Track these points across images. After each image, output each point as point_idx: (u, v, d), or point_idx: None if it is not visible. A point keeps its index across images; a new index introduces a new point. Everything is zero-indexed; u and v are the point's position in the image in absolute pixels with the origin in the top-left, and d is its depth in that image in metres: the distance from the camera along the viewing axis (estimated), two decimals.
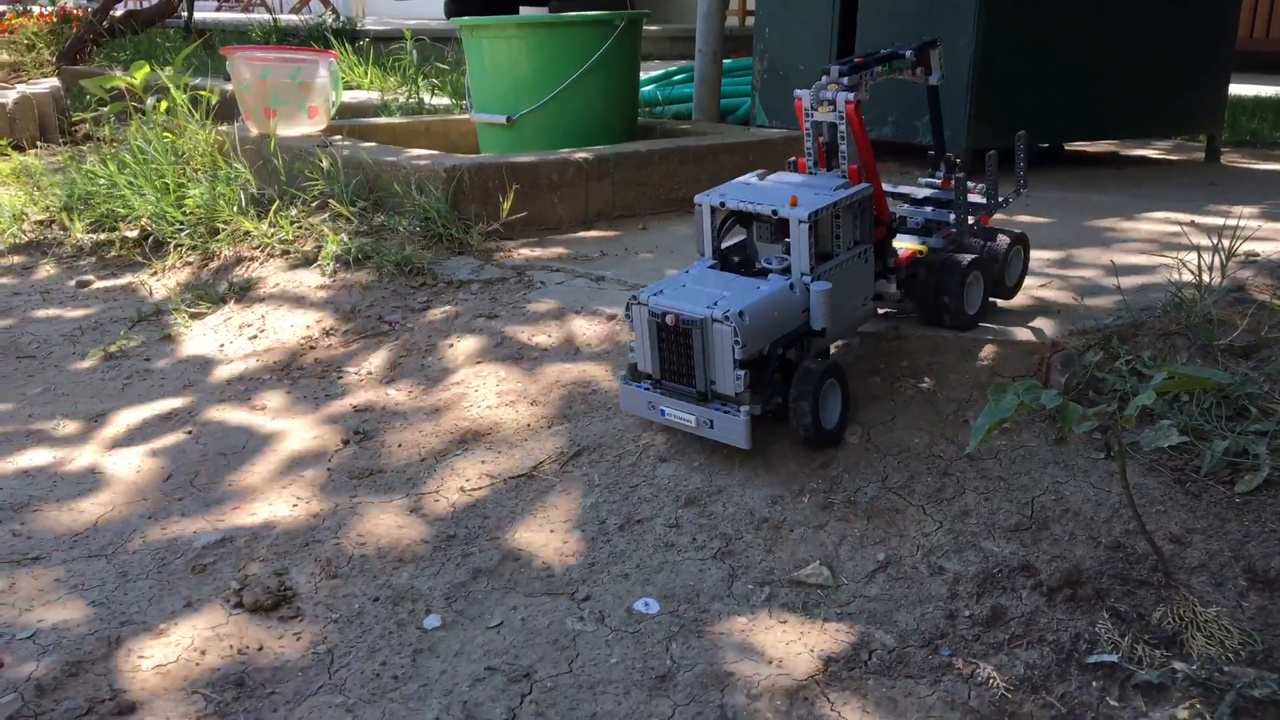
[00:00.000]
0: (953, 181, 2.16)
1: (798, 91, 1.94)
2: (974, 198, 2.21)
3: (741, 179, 1.95)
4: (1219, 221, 2.79)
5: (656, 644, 1.44)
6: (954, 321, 2.04)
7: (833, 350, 1.98)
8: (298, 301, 2.59)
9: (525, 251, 2.74)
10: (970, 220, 2.18)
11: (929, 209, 2.21)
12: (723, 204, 1.84)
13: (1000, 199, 2.23)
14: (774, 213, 1.78)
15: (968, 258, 2.05)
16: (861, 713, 1.31)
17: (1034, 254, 2.64)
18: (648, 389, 1.80)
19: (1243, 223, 2.24)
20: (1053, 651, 1.38)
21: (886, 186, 2.22)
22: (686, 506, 1.73)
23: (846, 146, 1.92)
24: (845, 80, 1.91)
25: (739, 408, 1.71)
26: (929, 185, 2.26)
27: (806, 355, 1.82)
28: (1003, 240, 2.17)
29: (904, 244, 2.11)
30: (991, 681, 1.35)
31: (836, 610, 1.50)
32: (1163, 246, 2.69)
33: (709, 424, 1.73)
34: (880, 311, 2.15)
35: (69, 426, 2.16)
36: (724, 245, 1.92)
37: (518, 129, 3.47)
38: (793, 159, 2.02)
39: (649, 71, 5.10)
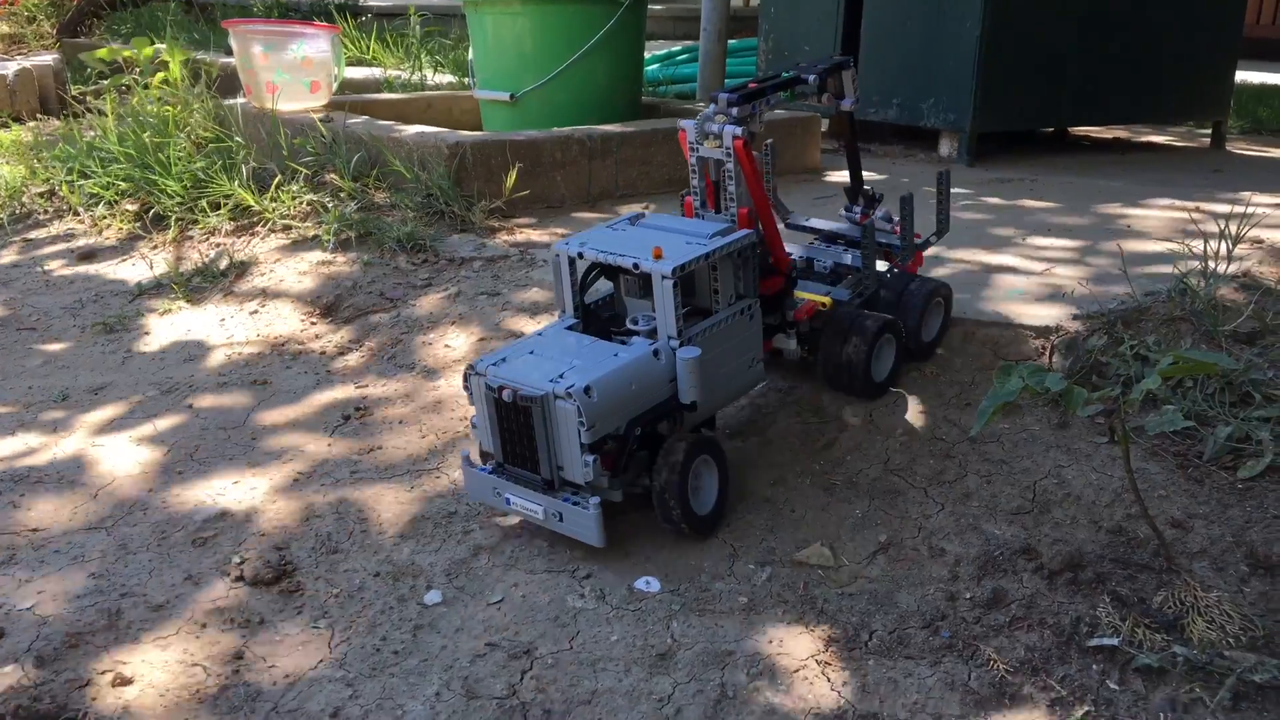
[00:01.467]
0: (868, 220, 1.96)
1: (681, 123, 1.71)
2: (890, 238, 2.00)
3: (609, 223, 1.71)
4: (1224, 208, 2.78)
5: (657, 622, 1.44)
6: (859, 388, 1.85)
7: (750, 403, 1.81)
8: (299, 277, 2.58)
9: (528, 230, 2.73)
10: (887, 262, 2.00)
11: (843, 251, 2.01)
12: (581, 254, 1.61)
13: (920, 239, 2.04)
14: (635, 266, 1.55)
15: (878, 317, 1.84)
16: (862, 693, 1.31)
17: (1036, 241, 2.63)
18: (491, 473, 1.57)
19: (1248, 209, 2.23)
20: (1053, 634, 1.38)
21: (796, 220, 2.08)
22: None
23: (734, 186, 1.69)
24: (734, 111, 1.67)
25: (589, 498, 1.49)
26: (849, 221, 2.04)
27: (677, 430, 1.61)
28: (921, 290, 1.94)
29: (807, 294, 1.88)
30: (992, 663, 1.35)
31: (837, 591, 1.50)
32: (1168, 233, 2.69)
33: (558, 516, 1.51)
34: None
35: (68, 399, 2.15)
36: (603, 298, 1.72)
37: (521, 106, 3.45)
38: (685, 191, 1.79)
39: (652, 51, 5.07)
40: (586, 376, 1.46)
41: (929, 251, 2.38)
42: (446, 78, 4.84)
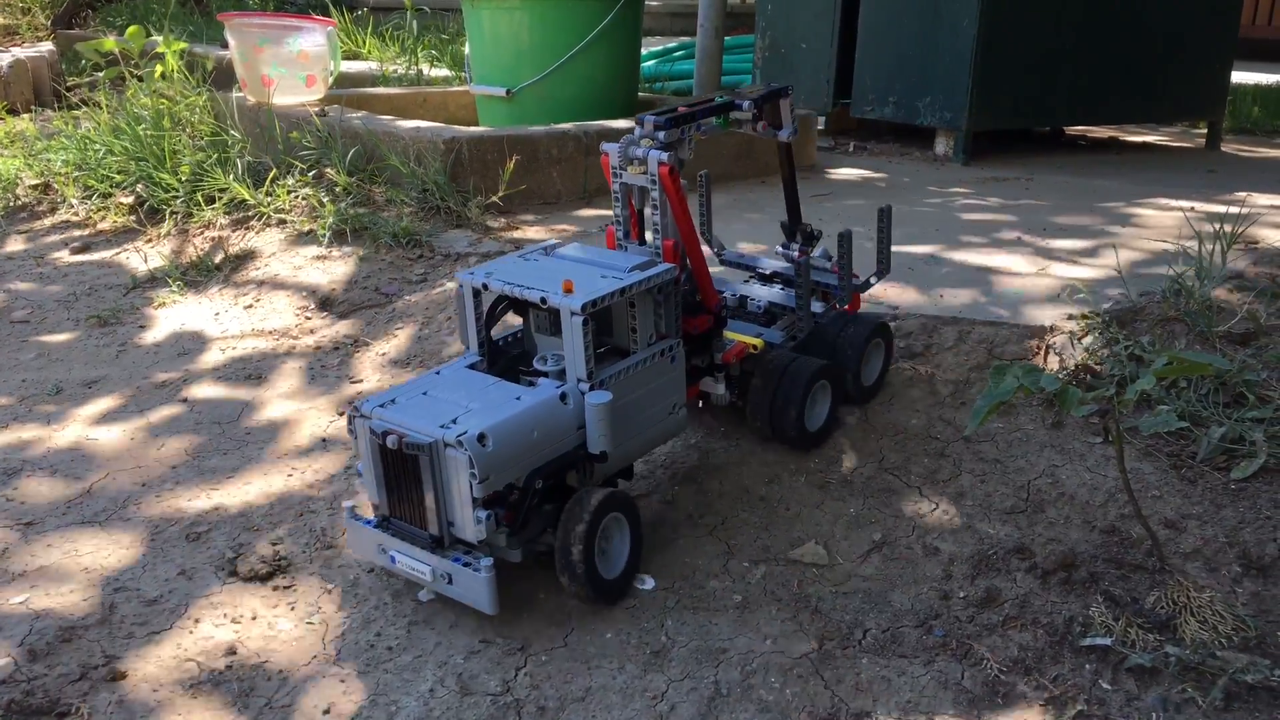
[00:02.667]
0: (806, 257, 1.84)
1: (604, 146, 1.58)
2: (827, 276, 1.90)
3: (522, 252, 1.59)
4: (1219, 208, 2.79)
5: (651, 619, 1.44)
6: (792, 437, 1.73)
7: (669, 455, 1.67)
8: (294, 272, 2.58)
9: (524, 226, 2.72)
10: (823, 302, 1.89)
11: (778, 290, 1.90)
12: (486, 285, 1.47)
13: (860, 279, 1.93)
14: (543, 300, 1.41)
15: (812, 361, 1.74)
16: (855, 691, 1.32)
17: (1031, 240, 2.64)
18: (376, 526, 1.43)
19: (1243, 210, 2.23)
20: (1046, 633, 1.39)
21: (733, 256, 1.98)
22: (683, 483, 1.73)
23: (660, 216, 1.57)
24: (661, 136, 1.55)
25: (482, 559, 1.35)
26: (786, 258, 1.90)
27: (587, 482, 1.47)
28: (859, 331, 1.83)
29: (737, 335, 1.77)
30: (985, 662, 1.35)
31: (831, 589, 1.50)
32: (1163, 232, 2.69)
33: (446, 578, 1.37)
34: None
35: (62, 392, 2.15)
36: (513, 333, 1.59)
37: (517, 102, 3.45)
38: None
39: (649, 47, 5.07)
40: (482, 422, 1.32)
41: (924, 251, 2.38)
42: (443, 72, 4.83)
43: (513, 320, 1.61)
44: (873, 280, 1.96)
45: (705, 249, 1.75)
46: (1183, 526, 1.55)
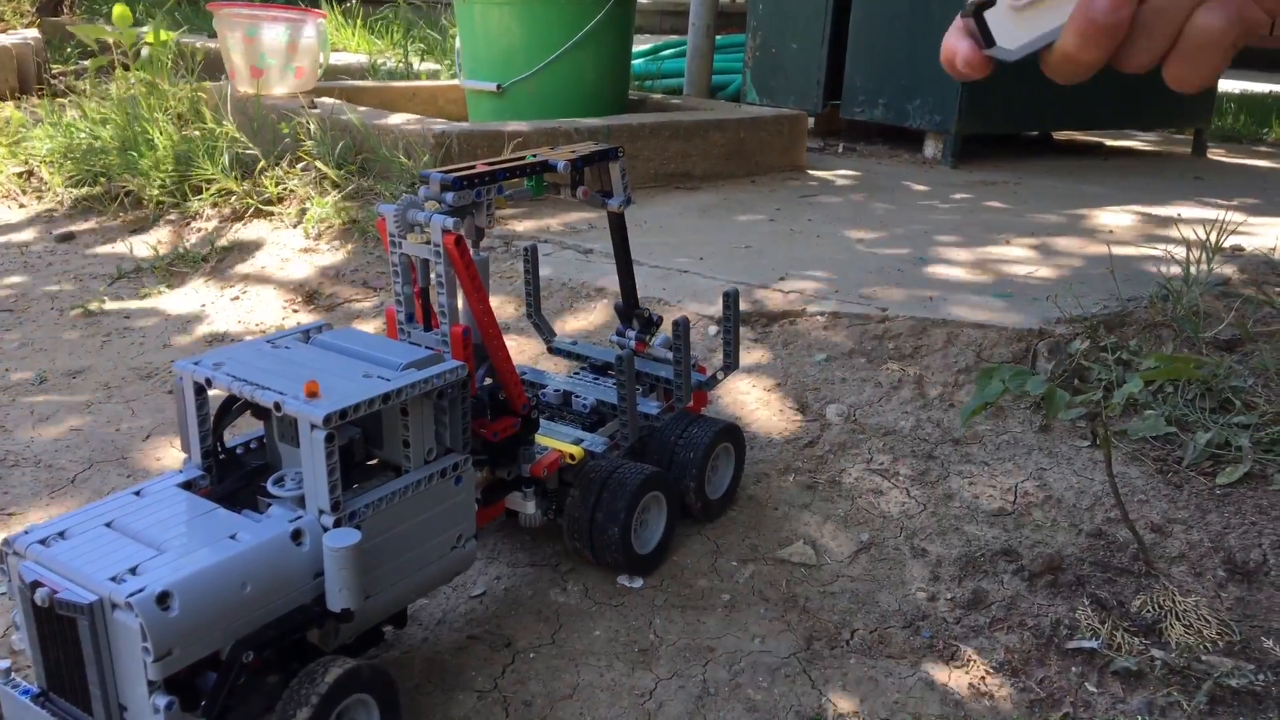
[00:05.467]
0: (638, 346, 1.62)
1: (380, 207, 1.32)
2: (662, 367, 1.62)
3: (272, 337, 1.26)
4: (1205, 215, 2.80)
5: (639, 618, 1.44)
6: (619, 563, 1.47)
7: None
8: (281, 263, 2.56)
9: (512, 221, 2.72)
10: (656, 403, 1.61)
11: (611, 385, 1.62)
12: (209, 381, 1.14)
13: (706, 375, 1.69)
14: (277, 406, 1.08)
15: (641, 471, 1.46)
16: (842, 691, 1.32)
17: (1019, 243, 2.65)
18: (34, 699, 1.05)
19: (1228, 217, 2.25)
20: (1033, 636, 1.39)
21: (564, 345, 1.73)
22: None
23: (447, 297, 1.28)
24: (449, 197, 1.28)
25: None
26: (621, 348, 1.66)
27: (331, 643, 1.15)
28: (702, 434, 1.58)
29: (552, 441, 1.47)
30: (971, 664, 1.36)
31: (819, 589, 1.51)
32: (1150, 239, 2.71)
33: None
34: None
35: (45, 383, 2.13)
36: (258, 437, 1.24)
37: (507, 97, 3.44)
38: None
39: (637, 45, 5.06)
40: (170, 574, 0.98)
41: (912, 252, 2.38)
42: (432, 66, 4.81)
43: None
44: (720, 375, 1.70)
45: (522, 338, 1.45)
46: (1169, 531, 1.56)
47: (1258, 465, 1.64)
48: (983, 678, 1.33)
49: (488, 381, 1.36)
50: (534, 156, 1.42)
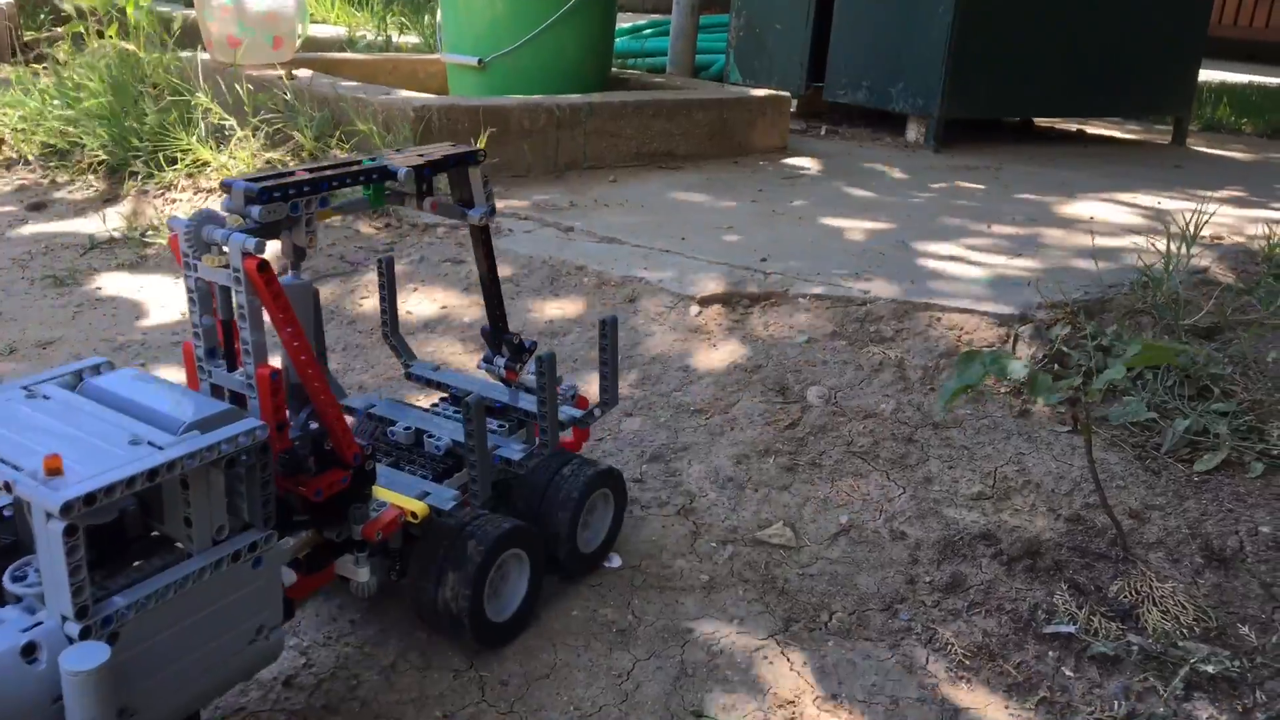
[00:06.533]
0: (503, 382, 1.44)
1: (171, 223, 1.07)
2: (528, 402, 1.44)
3: (39, 378, 1.04)
4: (1185, 204, 2.81)
5: (618, 598, 1.43)
6: (471, 634, 1.25)
7: None
8: None
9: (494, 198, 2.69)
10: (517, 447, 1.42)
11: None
12: None
13: (585, 409, 1.51)
14: (7, 487, 0.84)
15: (498, 525, 1.26)
16: (820, 673, 1.31)
17: (1001, 229, 2.65)
18: None
19: (1207, 206, 2.25)
20: (1010, 620, 1.39)
21: (423, 370, 1.52)
22: (651, 462, 1.72)
23: (250, 331, 1.04)
24: (255, 213, 1.06)
25: None
26: (493, 377, 1.49)
27: None
28: (576, 480, 1.38)
29: (391, 495, 1.24)
30: (949, 647, 1.36)
31: (798, 571, 1.50)
32: (1130, 227, 2.71)
33: None
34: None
35: (15, 353, 2.09)
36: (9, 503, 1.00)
37: (488, 72, 3.40)
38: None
39: (620, 23, 5.02)
40: None
41: (894, 236, 2.36)
42: (412, 39, 4.76)
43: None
44: (597, 412, 1.52)
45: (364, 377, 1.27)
46: (1146, 517, 1.56)
47: (1235, 453, 1.64)
48: (960, 661, 1.33)
49: (313, 426, 1.12)
50: (371, 160, 1.22)
